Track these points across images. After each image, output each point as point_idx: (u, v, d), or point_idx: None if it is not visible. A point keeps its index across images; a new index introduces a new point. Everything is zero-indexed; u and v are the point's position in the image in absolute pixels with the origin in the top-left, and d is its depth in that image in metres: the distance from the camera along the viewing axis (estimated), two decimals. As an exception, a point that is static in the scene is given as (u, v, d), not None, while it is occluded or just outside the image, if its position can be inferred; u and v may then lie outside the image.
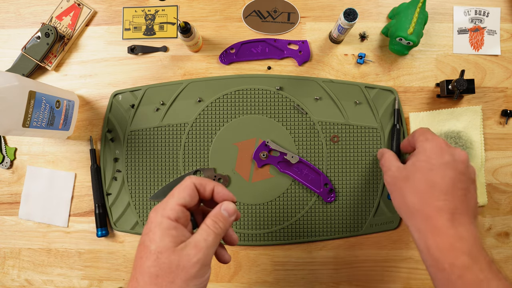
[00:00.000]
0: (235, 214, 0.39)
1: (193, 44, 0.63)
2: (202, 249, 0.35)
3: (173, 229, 0.36)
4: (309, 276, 0.65)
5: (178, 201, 0.37)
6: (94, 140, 0.67)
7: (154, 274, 0.34)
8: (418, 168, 0.45)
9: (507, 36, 0.67)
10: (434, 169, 0.43)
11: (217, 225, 0.37)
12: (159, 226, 0.36)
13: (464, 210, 0.41)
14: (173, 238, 0.35)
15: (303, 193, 0.65)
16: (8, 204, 0.67)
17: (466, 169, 0.44)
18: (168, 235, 0.35)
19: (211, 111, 0.66)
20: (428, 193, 0.42)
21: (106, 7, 0.68)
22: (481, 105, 0.65)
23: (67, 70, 0.68)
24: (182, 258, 0.34)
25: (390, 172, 0.49)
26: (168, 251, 0.34)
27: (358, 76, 0.66)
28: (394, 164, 0.48)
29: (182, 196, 0.38)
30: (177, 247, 0.35)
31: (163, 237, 0.35)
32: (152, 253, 0.34)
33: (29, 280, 0.67)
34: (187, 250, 0.35)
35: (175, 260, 0.34)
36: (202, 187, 0.40)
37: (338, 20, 0.58)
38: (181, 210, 0.37)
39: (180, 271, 0.34)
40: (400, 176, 0.46)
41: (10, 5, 0.69)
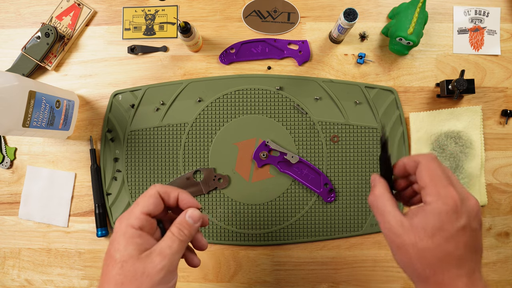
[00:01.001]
0: (200, 220, 0.40)
1: (193, 44, 0.63)
2: (167, 256, 0.36)
3: (138, 237, 0.36)
4: (309, 276, 0.65)
5: (142, 210, 0.38)
6: (94, 140, 0.67)
7: (119, 282, 0.35)
8: (429, 235, 0.36)
9: (507, 36, 0.67)
10: (449, 238, 0.36)
11: (182, 232, 0.38)
12: (124, 235, 0.36)
13: (478, 266, 0.38)
14: (138, 246, 0.36)
15: (303, 193, 0.65)
16: (8, 204, 0.67)
17: (479, 224, 0.38)
18: (132, 243, 0.36)
19: (211, 111, 0.66)
20: (442, 263, 0.37)
21: (106, 7, 0.68)
22: (481, 105, 0.65)
23: (67, 70, 0.68)
24: (147, 266, 0.35)
25: (388, 225, 0.38)
26: (132, 259, 0.35)
27: (358, 76, 0.66)
28: (393, 214, 0.38)
29: (146, 205, 0.38)
30: (141, 255, 0.36)
31: (127, 245, 0.36)
32: (117, 261, 0.35)
33: (29, 280, 0.66)
34: (152, 257, 0.36)
35: (140, 267, 0.35)
36: (167, 195, 0.40)
37: (338, 20, 0.58)
38: (146, 219, 0.38)
39: (145, 278, 0.35)
40: (405, 236, 0.37)
41: (10, 5, 0.69)
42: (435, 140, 0.65)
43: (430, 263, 0.36)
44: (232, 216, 0.65)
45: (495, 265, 0.65)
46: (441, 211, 0.35)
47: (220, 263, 0.65)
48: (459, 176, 0.64)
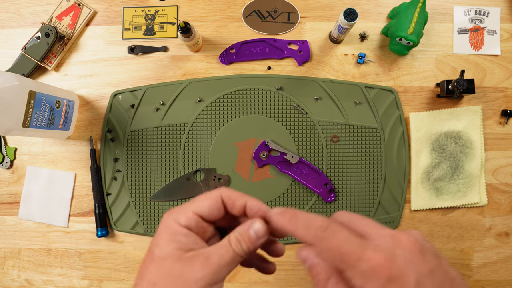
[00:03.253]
0: (265, 237, 0.32)
1: (193, 44, 0.63)
2: (212, 265, 0.30)
3: (183, 236, 0.31)
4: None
5: (195, 209, 0.33)
6: (94, 140, 0.67)
7: (152, 281, 0.30)
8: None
9: (507, 36, 0.67)
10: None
11: (240, 245, 0.32)
12: (168, 230, 0.32)
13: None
14: (181, 244, 0.31)
15: (303, 193, 0.65)
16: (8, 204, 0.67)
17: (434, 255, 0.28)
18: (175, 241, 0.31)
19: (211, 111, 0.66)
20: None
21: (106, 7, 0.68)
22: (481, 105, 0.65)
23: (67, 70, 0.68)
24: (186, 270, 0.30)
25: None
26: (171, 258, 0.30)
27: (358, 76, 0.66)
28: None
29: (202, 206, 0.33)
30: (184, 255, 0.30)
31: (169, 242, 0.31)
32: (154, 258, 0.31)
33: (29, 280, 0.66)
34: (194, 262, 0.30)
35: (178, 269, 0.30)
36: (231, 201, 0.34)
37: (338, 20, 0.58)
38: (196, 220, 0.32)
39: (180, 283, 0.30)
40: None
41: (10, 5, 0.69)
42: (435, 140, 0.65)
43: None
44: (232, 216, 0.65)
45: (495, 265, 0.65)
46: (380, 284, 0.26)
47: (220, 263, 0.65)
48: (459, 176, 0.64)
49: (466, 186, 0.64)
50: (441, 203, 0.64)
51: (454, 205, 0.64)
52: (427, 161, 0.65)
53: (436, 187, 0.64)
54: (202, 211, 0.32)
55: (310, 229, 0.28)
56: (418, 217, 0.65)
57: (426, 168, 0.65)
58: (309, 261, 0.29)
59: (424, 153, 0.65)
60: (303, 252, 0.29)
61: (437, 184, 0.64)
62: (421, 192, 0.65)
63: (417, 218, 0.65)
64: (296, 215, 0.29)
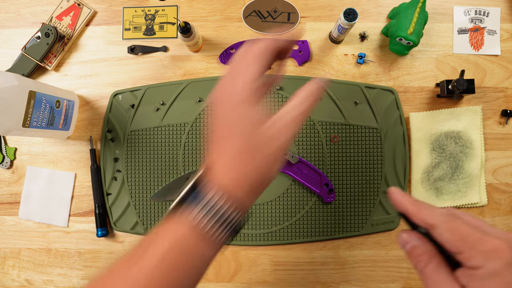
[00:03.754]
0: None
1: (193, 44, 0.63)
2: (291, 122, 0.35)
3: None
4: (309, 276, 0.65)
5: (252, 79, 0.35)
6: (94, 140, 0.67)
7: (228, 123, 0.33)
8: None
9: (507, 36, 0.67)
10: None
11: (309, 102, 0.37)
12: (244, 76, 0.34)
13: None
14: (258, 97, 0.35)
15: (303, 193, 0.65)
16: (8, 204, 0.67)
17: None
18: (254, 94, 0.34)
19: (211, 111, 0.66)
20: None
21: (106, 7, 0.68)
22: (481, 105, 0.65)
23: (67, 70, 0.68)
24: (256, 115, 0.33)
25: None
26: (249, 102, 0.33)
27: (358, 76, 0.66)
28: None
29: (257, 73, 0.35)
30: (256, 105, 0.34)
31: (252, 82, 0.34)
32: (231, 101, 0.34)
33: (29, 280, 0.66)
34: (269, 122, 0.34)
35: (251, 113, 0.33)
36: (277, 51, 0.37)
37: (338, 20, 0.58)
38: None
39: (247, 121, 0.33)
40: None
41: (10, 5, 0.69)
42: (435, 140, 0.65)
43: None
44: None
45: (495, 265, 0.65)
46: (496, 269, 0.27)
47: (220, 263, 0.65)
48: (459, 176, 0.64)
49: (466, 186, 0.64)
50: (441, 203, 0.64)
51: (454, 205, 0.64)
52: (427, 161, 0.65)
53: (436, 187, 0.64)
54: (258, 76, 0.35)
55: (434, 212, 0.29)
56: (418, 217, 0.65)
57: (426, 168, 0.65)
58: (411, 244, 0.30)
59: (424, 153, 0.65)
60: (404, 235, 0.31)
61: (437, 184, 0.64)
62: (421, 192, 0.65)
63: (417, 218, 0.65)
64: (416, 199, 0.31)
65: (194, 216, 0.30)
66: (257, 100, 0.34)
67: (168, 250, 0.30)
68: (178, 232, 0.30)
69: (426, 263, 0.29)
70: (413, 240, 0.30)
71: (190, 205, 0.31)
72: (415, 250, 0.30)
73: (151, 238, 0.31)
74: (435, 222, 0.29)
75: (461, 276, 0.28)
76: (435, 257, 0.29)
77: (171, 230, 0.30)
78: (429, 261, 0.29)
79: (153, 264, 0.29)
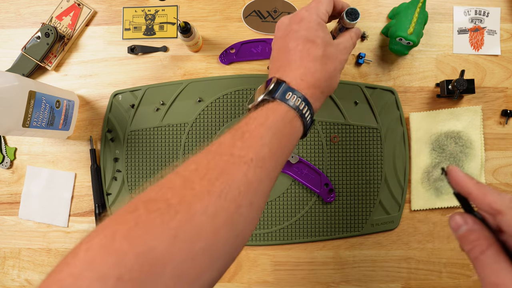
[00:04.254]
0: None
1: (193, 44, 0.63)
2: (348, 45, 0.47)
3: (326, 28, 0.44)
4: (309, 276, 0.65)
5: (327, 8, 0.45)
6: (94, 140, 0.67)
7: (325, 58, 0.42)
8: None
9: (507, 36, 0.67)
10: None
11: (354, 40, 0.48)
12: (319, 24, 0.43)
13: None
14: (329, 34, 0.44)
15: (303, 193, 0.65)
16: (8, 204, 0.67)
17: None
18: (327, 32, 0.43)
19: (211, 111, 0.66)
20: None
21: (106, 7, 0.68)
22: (481, 105, 0.65)
23: (67, 70, 0.68)
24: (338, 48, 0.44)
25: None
26: (330, 44, 0.43)
27: (358, 76, 0.66)
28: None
29: (330, 4, 0.45)
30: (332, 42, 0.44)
31: (325, 31, 0.43)
32: (319, 45, 0.42)
33: (29, 280, 0.66)
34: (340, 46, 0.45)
35: (335, 50, 0.44)
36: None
37: (339, 20, 0.58)
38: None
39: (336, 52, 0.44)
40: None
41: (10, 5, 0.69)
42: (435, 140, 0.65)
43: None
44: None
45: (495, 265, 0.65)
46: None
47: (220, 263, 0.65)
48: (459, 176, 0.64)
49: (466, 186, 0.64)
50: (441, 203, 0.64)
51: (454, 205, 0.64)
52: (427, 161, 0.65)
53: (436, 187, 0.64)
54: (330, 10, 0.45)
55: (503, 197, 0.27)
56: (418, 217, 0.65)
57: (426, 168, 0.65)
58: (467, 227, 0.28)
59: (424, 153, 0.65)
60: (459, 218, 0.29)
61: (437, 184, 0.64)
62: (421, 192, 0.65)
63: (417, 218, 0.65)
64: (479, 182, 0.30)
65: (289, 102, 0.38)
66: (324, 24, 0.44)
67: (279, 120, 0.37)
68: (283, 109, 0.38)
69: (483, 250, 0.27)
70: (470, 224, 0.28)
71: (279, 96, 0.38)
72: (471, 235, 0.28)
73: (248, 119, 0.37)
74: (503, 208, 0.27)
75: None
76: (494, 244, 0.27)
77: (277, 109, 0.37)
78: (487, 247, 0.27)
79: (261, 132, 0.35)
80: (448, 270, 0.65)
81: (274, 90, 0.38)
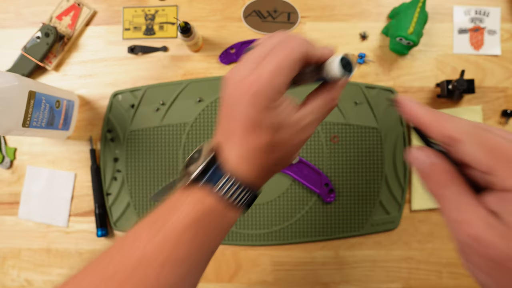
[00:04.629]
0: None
1: (193, 44, 0.63)
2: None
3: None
4: (309, 276, 0.65)
5: (286, 81, 0.31)
6: (94, 140, 0.67)
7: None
8: None
9: (507, 36, 0.67)
10: None
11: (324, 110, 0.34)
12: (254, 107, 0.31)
13: None
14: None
15: (303, 193, 0.65)
16: (8, 204, 0.67)
17: None
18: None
19: (211, 111, 0.66)
20: None
21: (106, 7, 0.68)
22: (481, 105, 0.65)
23: (67, 70, 0.68)
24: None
25: (468, 229, 0.23)
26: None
27: (358, 76, 0.66)
28: (476, 212, 0.23)
29: (285, 82, 0.31)
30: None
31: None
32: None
33: (29, 280, 0.66)
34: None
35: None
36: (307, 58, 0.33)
37: (318, 66, 0.36)
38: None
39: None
40: (504, 246, 0.21)
41: (10, 5, 0.69)
42: (435, 140, 0.65)
43: None
44: (232, 216, 0.65)
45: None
46: None
47: (220, 263, 0.65)
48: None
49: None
50: (441, 203, 0.64)
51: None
52: (427, 161, 0.65)
53: (436, 187, 0.64)
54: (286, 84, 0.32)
55: (459, 123, 0.24)
56: (418, 217, 0.65)
57: (426, 168, 0.65)
58: (428, 161, 0.25)
59: (424, 153, 0.65)
60: (417, 152, 0.26)
61: (437, 184, 0.64)
62: (421, 192, 0.65)
63: (417, 218, 0.65)
64: (435, 110, 0.26)
65: (218, 189, 0.32)
66: (279, 98, 0.31)
67: (206, 213, 0.31)
68: (212, 200, 0.32)
69: (446, 185, 0.24)
70: (430, 158, 0.25)
71: (211, 179, 0.32)
72: (431, 170, 0.25)
73: (172, 205, 0.33)
74: (460, 135, 0.24)
75: (492, 201, 0.23)
76: (458, 178, 0.24)
77: (205, 199, 0.32)
78: (450, 182, 0.24)
79: (181, 228, 0.31)
80: (448, 270, 0.65)
81: (206, 171, 0.32)
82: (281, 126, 0.31)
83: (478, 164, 0.23)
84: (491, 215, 0.22)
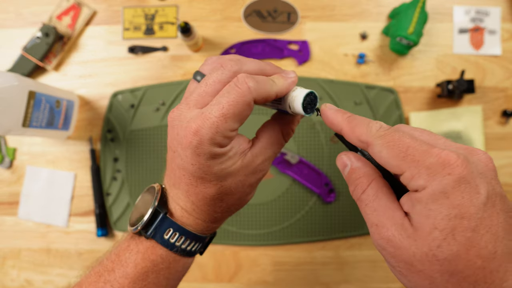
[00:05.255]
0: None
1: (193, 44, 0.63)
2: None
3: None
4: (309, 276, 0.65)
5: (233, 126, 0.27)
6: (94, 140, 0.67)
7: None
8: (447, 234, 0.20)
9: (508, 36, 0.66)
10: (480, 226, 0.21)
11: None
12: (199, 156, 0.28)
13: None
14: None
15: (303, 193, 0.65)
16: (8, 204, 0.67)
17: (500, 184, 0.25)
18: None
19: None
20: (487, 273, 0.20)
21: (106, 7, 0.68)
22: (481, 105, 0.65)
23: (67, 70, 0.68)
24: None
25: (383, 232, 0.22)
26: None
27: (358, 76, 0.66)
28: (391, 215, 0.23)
29: (233, 127, 0.27)
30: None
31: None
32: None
33: (29, 280, 0.66)
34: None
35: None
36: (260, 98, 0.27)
37: (287, 100, 0.30)
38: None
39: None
40: (412, 247, 0.21)
41: (10, 5, 0.69)
42: (435, 140, 0.65)
43: (468, 279, 0.20)
44: (232, 216, 0.65)
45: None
46: (444, 189, 0.20)
47: (220, 263, 0.65)
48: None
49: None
50: (441, 203, 0.64)
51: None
52: (427, 161, 0.65)
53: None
54: (235, 128, 0.28)
55: (371, 126, 0.24)
56: (418, 217, 0.65)
57: (426, 168, 0.65)
58: (352, 165, 0.25)
59: (424, 153, 0.65)
60: (344, 157, 0.26)
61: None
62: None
63: (417, 218, 0.65)
64: (353, 115, 0.26)
65: (169, 243, 0.30)
66: (228, 143, 0.28)
67: (153, 266, 0.30)
68: (158, 253, 0.30)
69: (364, 188, 0.24)
70: (354, 162, 0.25)
71: (157, 231, 0.30)
72: (353, 173, 0.25)
73: (122, 254, 0.31)
74: (370, 139, 0.24)
75: (404, 202, 0.22)
76: (376, 181, 0.24)
77: (152, 253, 0.30)
78: (368, 185, 0.24)
79: (128, 283, 0.29)
80: (448, 270, 0.65)
81: (153, 221, 0.30)
82: (229, 174, 0.28)
83: (390, 166, 0.23)
84: (405, 217, 0.22)
